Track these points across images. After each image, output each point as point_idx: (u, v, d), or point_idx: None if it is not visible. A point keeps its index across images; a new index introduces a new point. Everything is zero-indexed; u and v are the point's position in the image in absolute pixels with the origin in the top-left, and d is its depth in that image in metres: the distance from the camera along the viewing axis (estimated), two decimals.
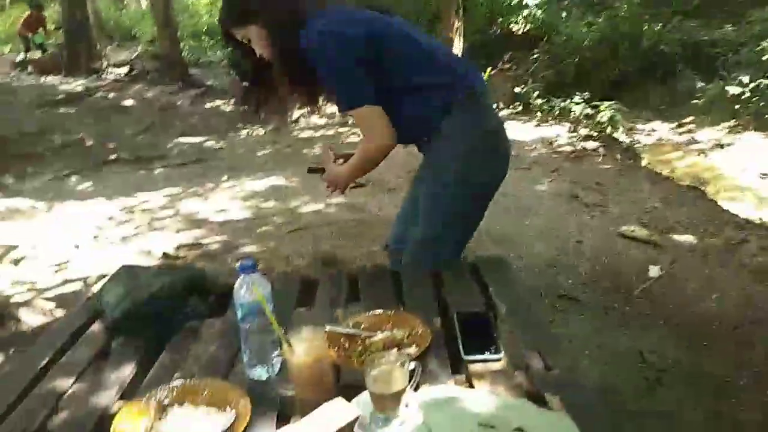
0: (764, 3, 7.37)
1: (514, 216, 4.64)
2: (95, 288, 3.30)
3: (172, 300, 1.57)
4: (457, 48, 8.54)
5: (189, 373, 1.38)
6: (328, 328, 1.40)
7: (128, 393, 1.39)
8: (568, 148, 6.62)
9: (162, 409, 1.24)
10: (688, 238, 4.19)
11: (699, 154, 6.11)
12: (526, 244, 4.16)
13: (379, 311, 1.54)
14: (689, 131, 6.83)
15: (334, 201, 4.82)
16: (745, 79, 6.54)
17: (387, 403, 1.12)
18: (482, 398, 1.10)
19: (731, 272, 3.58)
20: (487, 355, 1.34)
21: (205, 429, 1.16)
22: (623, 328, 3.07)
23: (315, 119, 8.20)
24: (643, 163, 6.00)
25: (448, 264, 1.88)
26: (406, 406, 1.15)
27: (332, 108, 2.45)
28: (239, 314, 1.32)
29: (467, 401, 1.07)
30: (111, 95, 9.80)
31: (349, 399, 1.21)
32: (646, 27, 8.09)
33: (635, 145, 6.48)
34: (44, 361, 1.51)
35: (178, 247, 4.19)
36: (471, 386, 1.27)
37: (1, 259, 4.15)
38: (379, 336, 1.41)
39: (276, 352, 1.28)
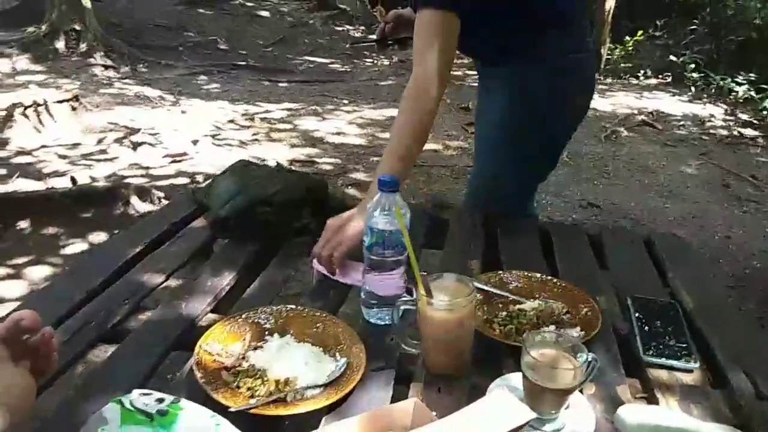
0: None
1: (654, 195, 4.16)
2: None
3: (287, 207, 1.34)
4: (609, 5, 7.70)
5: (295, 299, 1.15)
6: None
7: (222, 306, 1.18)
8: (723, 132, 5.85)
9: (260, 336, 1.02)
10: None
11: None
12: (664, 228, 3.67)
13: (527, 273, 1.23)
14: None
15: (452, 144, 4.49)
16: None
17: (546, 400, 0.83)
18: None
19: None
20: (675, 362, 1.01)
21: (309, 373, 0.92)
22: None
23: None
24: None
25: (512, 211, 1.63)
26: (566, 408, 0.85)
27: None
28: (366, 240, 1.06)
29: None
30: (248, 3, 9.81)
31: (483, 375, 0.94)
32: None
33: None
34: (135, 251, 1.33)
35: (292, 162, 4.06)
36: (649, 399, 0.95)
37: (122, 140, 4.19)
38: (533, 304, 1.11)
39: (405, 297, 1.01)
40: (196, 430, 0.75)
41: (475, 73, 1.85)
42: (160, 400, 0.79)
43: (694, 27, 8.30)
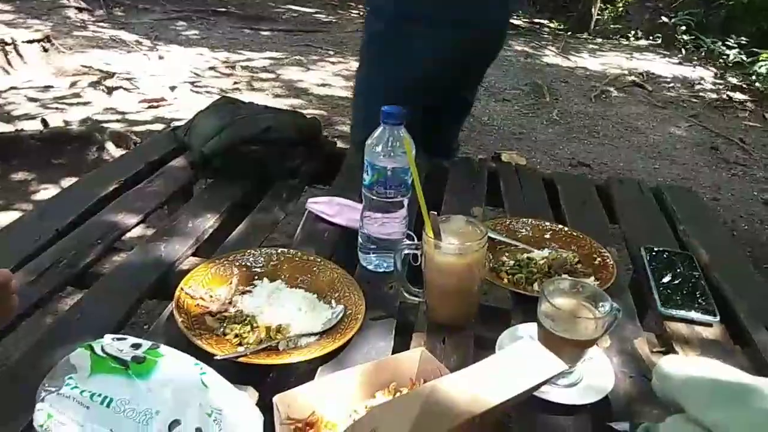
0: None
1: (643, 156, 4.11)
2: None
3: (278, 146, 1.23)
4: None
5: (285, 242, 1.05)
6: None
7: (204, 249, 1.09)
8: (712, 95, 5.81)
9: (248, 280, 0.93)
10: None
11: None
12: None
13: (535, 221, 1.15)
14: None
15: None
16: None
17: (565, 352, 0.75)
18: None
19: None
20: (696, 314, 0.94)
21: (303, 321, 0.84)
22: None
23: None
24: None
25: None
26: (584, 361, 0.78)
27: None
28: (366, 179, 0.96)
29: None
30: None
31: (490, 326, 0.87)
32: None
33: None
34: (108, 190, 1.21)
35: None
36: (668, 353, 0.88)
37: (96, 84, 3.99)
38: (543, 253, 1.03)
39: (406, 242, 0.92)
40: (178, 378, 0.66)
41: None
42: (137, 346, 0.70)
43: None
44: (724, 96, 5.77)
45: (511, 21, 8.45)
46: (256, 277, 0.93)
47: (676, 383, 0.56)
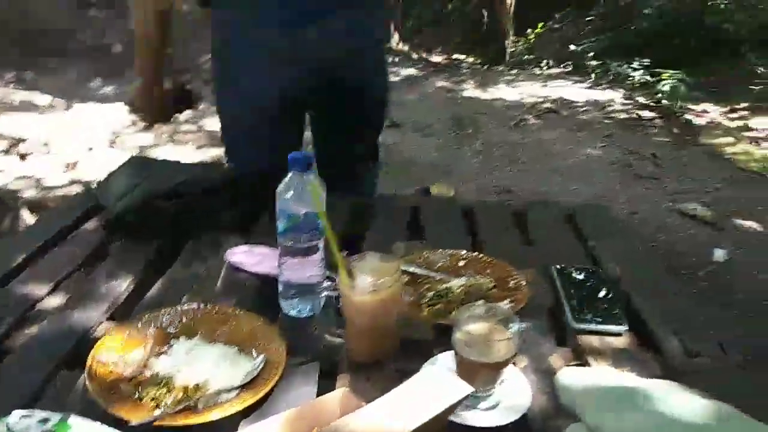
0: None
1: (563, 179, 4.29)
2: None
3: (193, 199, 1.21)
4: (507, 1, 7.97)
5: (204, 297, 1.04)
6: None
7: (121, 312, 1.06)
8: (623, 115, 6.15)
9: (164, 340, 0.91)
10: (753, 225, 3.80)
11: (751, 143, 5.60)
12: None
13: (452, 251, 1.18)
14: (742, 117, 6.30)
15: None
16: None
17: (481, 376, 0.78)
18: (677, 398, 0.61)
19: None
20: (604, 326, 0.99)
21: (222, 376, 0.83)
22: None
23: None
24: (704, 141, 5.53)
25: None
26: (501, 383, 0.81)
27: None
28: (280, 226, 0.97)
29: (661, 401, 0.59)
30: None
31: (412, 360, 0.88)
32: (710, 3, 7.41)
33: (695, 122, 5.99)
34: (19, 260, 1.17)
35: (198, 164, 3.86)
36: (582, 366, 0.92)
37: (8, 150, 3.84)
38: (459, 281, 1.06)
39: (326, 284, 0.93)
40: None
41: None
42: (44, 421, 0.67)
43: (591, 18, 8.73)
44: (634, 115, 6.13)
45: (430, 59, 8.69)
46: (173, 336, 0.91)
47: (573, 394, 0.59)
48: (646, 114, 6.17)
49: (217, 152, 4.19)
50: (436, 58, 8.31)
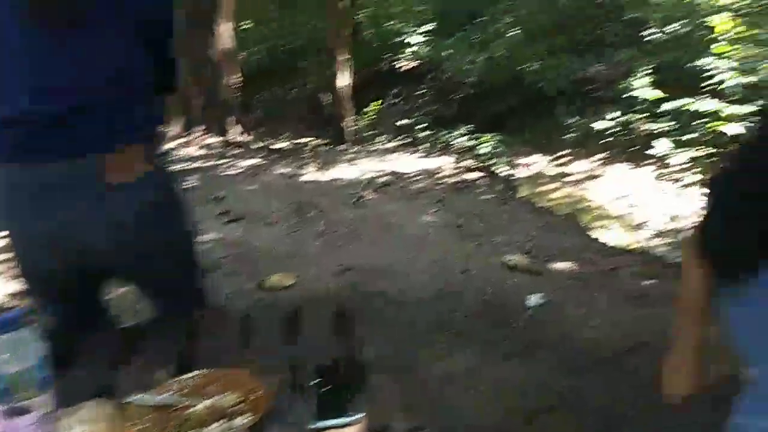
0: (630, 43, 7.80)
1: (401, 249, 4.51)
2: None
3: None
4: (347, 82, 8.47)
5: None
6: (133, 398, 1.07)
7: None
8: (452, 180, 6.64)
9: None
10: (567, 266, 4.22)
11: (573, 185, 6.31)
12: (412, 276, 4.01)
13: (208, 370, 1.23)
14: (564, 164, 7.08)
15: (206, 236, 4.42)
16: (615, 114, 6.90)
17: None
18: None
19: (610, 299, 3.60)
20: (341, 420, 1.08)
21: None
22: (507, 362, 2.93)
23: None
24: (522, 194, 6.12)
25: None
26: None
27: None
28: None
29: None
30: None
31: None
32: (528, 66, 8.35)
33: (515, 177, 6.61)
34: None
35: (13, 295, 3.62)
36: None
37: None
38: (202, 404, 1.11)
39: None
40: None
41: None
42: None
43: (422, 92, 9.51)
44: (462, 178, 6.65)
45: (273, 146, 8.81)
46: None
47: None
48: (472, 176, 6.72)
49: None
50: (280, 144, 8.53)
